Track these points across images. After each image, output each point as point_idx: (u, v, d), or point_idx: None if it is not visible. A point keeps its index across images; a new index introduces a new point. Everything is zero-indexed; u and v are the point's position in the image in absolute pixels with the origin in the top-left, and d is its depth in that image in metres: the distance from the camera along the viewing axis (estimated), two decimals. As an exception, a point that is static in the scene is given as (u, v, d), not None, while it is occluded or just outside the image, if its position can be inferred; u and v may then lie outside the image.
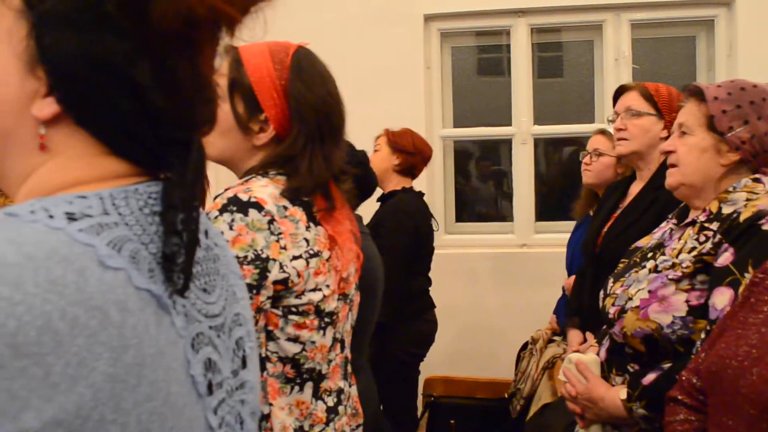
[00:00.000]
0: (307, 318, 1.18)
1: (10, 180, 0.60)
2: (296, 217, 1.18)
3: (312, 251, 1.18)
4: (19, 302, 0.44)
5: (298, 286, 1.16)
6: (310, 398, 1.23)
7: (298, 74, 1.23)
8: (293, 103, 1.22)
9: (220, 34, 0.58)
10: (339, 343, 1.29)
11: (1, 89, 0.57)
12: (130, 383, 0.49)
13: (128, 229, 0.54)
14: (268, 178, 1.21)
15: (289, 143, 1.22)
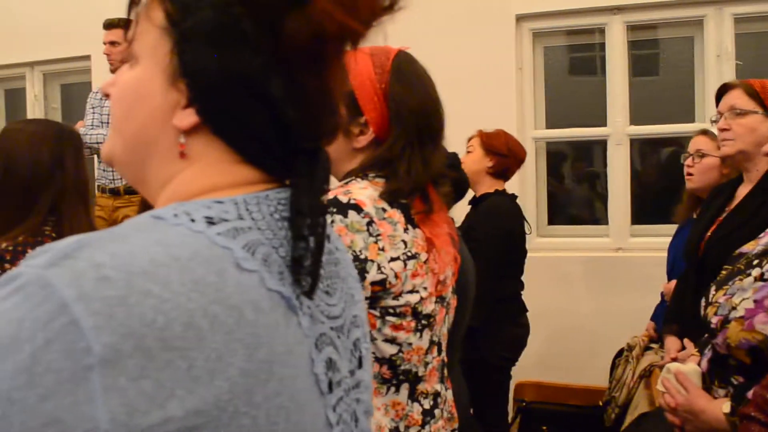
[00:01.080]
0: (404, 320, 1.19)
1: (151, 185, 0.65)
2: (394, 219, 1.19)
3: (410, 253, 1.19)
4: (167, 300, 0.48)
5: (395, 287, 1.17)
6: (406, 400, 1.23)
7: (399, 78, 1.24)
8: (393, 107, 1.23)
9: (345, 48, 0.61)
10: (436, 346, 1.29)
11: (147, 101, 0.61)
12: (261, 378, 0.52)
13: (260, 234, 0.57)
14: (368, 180, 1.22)
15: (388, 146, 1.24)
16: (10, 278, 0.49)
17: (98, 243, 0.50)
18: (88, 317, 0.45)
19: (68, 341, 0.45)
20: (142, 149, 0.63)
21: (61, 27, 4.61)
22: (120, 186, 3.72)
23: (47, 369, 0.44)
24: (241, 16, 0.56)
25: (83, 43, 4.51)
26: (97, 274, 0.47)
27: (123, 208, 3.68)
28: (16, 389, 0.44)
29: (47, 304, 0.46)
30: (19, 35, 4.76)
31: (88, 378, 0.45)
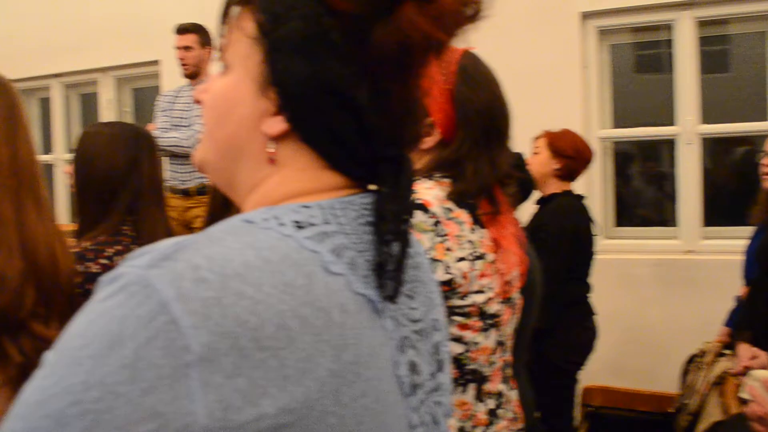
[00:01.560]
0: (471, 319, 1.19)
1: (240, 189, 0.67)
2: (461, 219, 1.19)
3: (476, 253, 1.19)
4: (260, 301, 0.50)
5: (462, 287, 1.16)
6: (473, 399, 1.23)
7: (464, 79, 1.24)
8: (459, 108, 1.23)
9: (429, 58, 0.61)
10: (501, 347, 1.28)
11: (238, 108, 0.63)
12: (348, 379, 0.54)
13: (346, 238, 0.59)
14: (433, 180, 1.22)
15: (454, 147, 1.23)
16: (113, 278, 0.51)
17: (195, 245, 0.52)
18: (187, 317, 0.47)
19: (168, 339, 0.47)
20: (232, 155, 0.65)
21: (131, 33, 4.76)
22: (191, 187, 3.80)
23: (149, 365, 0.46)
24: (331, 26, 0.57)
25: (153, 48, 4.66)
26: (194, 276, 0.49)
27: (194, 209, 3.76)
28: (120, 383, 0.46)
29: (148, 303, 0.48)
30: (92, 42, 4.95)
31: (187, 375, 0.47)
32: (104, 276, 0.52)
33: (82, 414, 0.46)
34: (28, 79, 5.12)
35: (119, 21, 4.81)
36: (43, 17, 5.12)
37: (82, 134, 1.74)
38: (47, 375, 0.49)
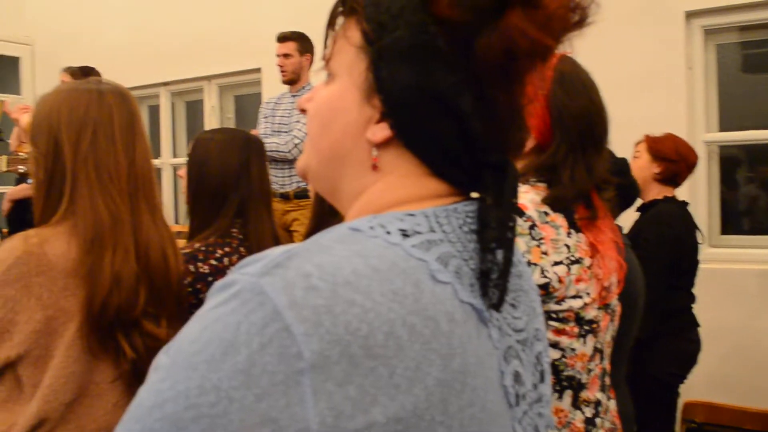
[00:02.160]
0: (567, 325, 1.17)
1: (343, 196, 0.67)
2: (557, 223, 1.17)
3: (573, 257, 1.17)
4: (370, 309, 0.50)
5: (558, 291, 1.15)
6: (569, 407, 1.21)
7: (561, 83, 1.23)
8: (555, 113, 1.22)
9: (535, 64, 0.61)
10: (599, 354, 1.26)
11: (344, 115, 0.64)
12: (456, 389, 0.53)
13: (451, 246, 0.59)
14: (529, 185, 1.22)
15: (550, 152, 1.22)
16: (225, 285, 0.52)
17: (306, 254, 0.53)
18: (299, 324, 0.48)
19: (281, 346, 0.48)
20: (336, 162, 0.66)
21: (234, 43, 4.95)
22: (290, 191, 3.91)
23: (263, 371, 0.47)
24: (436, 34, 0.58)
25: (254, 56, 4.82)
26: (306, 284, 0.50)
27: (292, 212, 3.87)
28: (235, 388, 0.47)
29: (262, 310, 0.49)
30: (197, 52, 5.17)
31: (299, 382, 0.47)
32: (217, 283, 0.54)
33: (197, 418, 0.47)
34: (140, 87, 5.39)
35: (223, 31, 5.00)
36: (153, 30, 5.39)
37: (195, 140, 1.82)
38: (163, 378, 0.50)
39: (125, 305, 1.27)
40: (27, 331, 1.21)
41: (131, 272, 1.29)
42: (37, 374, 1.24)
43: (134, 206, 1.33)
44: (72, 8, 5.91)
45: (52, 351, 1.24)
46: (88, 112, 1.30)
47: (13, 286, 1.21)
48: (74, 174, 1.28)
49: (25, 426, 1.23)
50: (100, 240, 1.26)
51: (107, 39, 5.57)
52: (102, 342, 1.26)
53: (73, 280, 1.24)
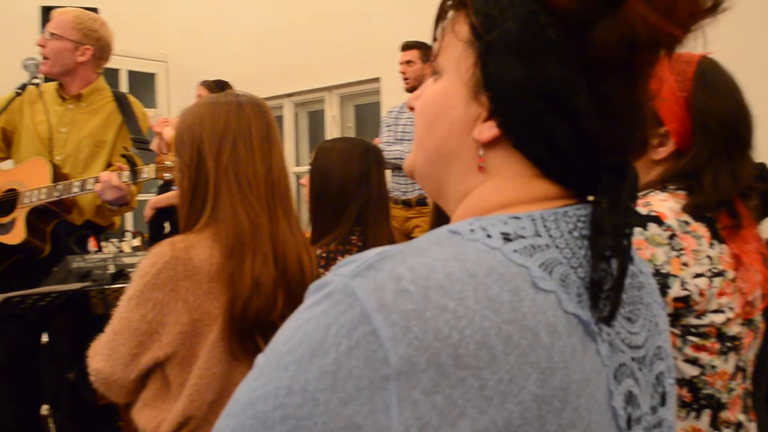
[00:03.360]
0: (708, 340, 1.12)
1: (449, 197, 0.65)
2: (699, 233, 1.12)
3: (715, 270, 1.11)
4: (462, 316, 0.48)
5: (699, 305, 1.10)
6: (707, 427, 1.15)
7: (703, 85, 1.17)
8: (697, 116, 1.17)
9: (658, 56, 0.56)
10: (741, 373, 1.19)
11: (448, 113, 0.61)
12: (555, 407, 0.49)
13: (558, 252, 0.55)
14: (668, 192, 1.17)
15: (691, 157, 1.17)
16: (320, 285, 0.52)
17: (399, 255, 0.51)
18: (387, 328, 0.46)
19: (368, 350, 0.46)
20: (442, 162, 0.63)
21: (354, 53, 5.06)
22: (411, 198, 3.95)
23: (349, 375, 0.46)
24: (548, 25, 0.54)
25: (373, 66, 4.91)
26: (396, 287, 0.48)
27: (414, 219, 3.91)
28: (321, 391, 0.47)
29: (351, 312, 0.48)
30: (319, 64, 5.32)
31: (384, 388, 0.46)
32: (313, 283, 0.53)
33: (284, 418, 0.47)
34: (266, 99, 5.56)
35: (343, 43, 5.13)
36: (277, 44, 5.61)
37: (317, 149, 1.89)
38: (257, 377, 0.51)
39: (264, 309, 1.32)
40: (174, 333, 1.29)
41: (270, 277, 1.34)
42: (183, 374, 1.31)
43: (272, 213, 1.38)
44: (203, 26, 6.24)
45: (196, 352, 1.31)
46: (228, 123, 1.36)
47: (162, 290, 1.28)
48: (216, 183, 1.34)
49: (172, 423, 1.31)
50: (240, 246, 1.31)
51: (235, 54, 5.84)
52: (242, 344, 1.31)
53: (216, 284, 1.30)
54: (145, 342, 1.30)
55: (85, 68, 2.55)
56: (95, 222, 2.58)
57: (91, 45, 2.53)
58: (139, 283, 1.30)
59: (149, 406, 1.35)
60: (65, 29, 2.49)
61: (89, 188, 2.29)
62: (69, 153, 2.51)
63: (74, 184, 2.31)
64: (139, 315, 1.29)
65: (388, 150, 3.87)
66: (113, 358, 1.32)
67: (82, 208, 2.52)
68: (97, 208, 2.53)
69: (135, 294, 1.30)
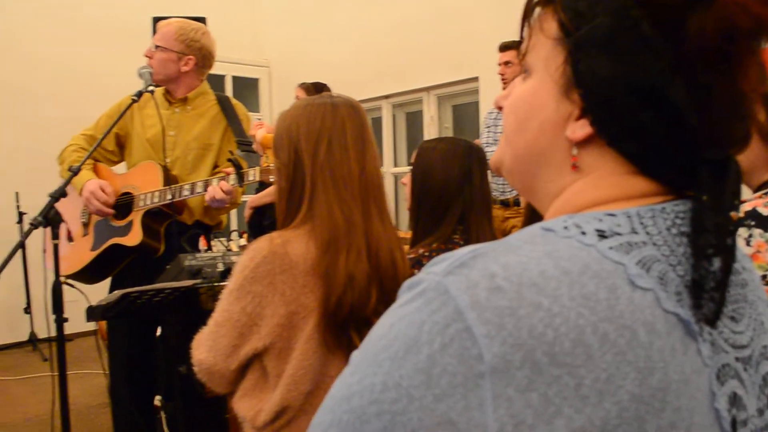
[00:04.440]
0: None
1: (540, 196, 0.64)
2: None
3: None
4: (557, 314, 0.47)
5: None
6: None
7: None
8: None
9: (760, 44, 0.54)
10: None
11: (538, 112, 0.60)
12: (654, 407, 0.48)
13: (656, 249, 0.53)
14: None
15: None
16: (413, 284, 0.52)
17: (492, 253, 0.51)
18: (481, 325, 0.47)
19: (462, 347, 0.47)
20: (533, 160, 0.62)
21: (452, 54, 5.05)
22: (510, 197, 3.91)
23: (443, 371, 0.47)
24: (640, 18, 0.53)
25: (471, 66, 4.88)
26: (490, 284, 0.48)
27: (512, 219, 3.86)
28: (415, 387, 0.47)
29: (444, 309, 0.48)
30: (416, 65, 5.35)
31: (479, 385, 0.46)
32: (406, 282, 0.53)
33: (379, 413, 0.48)
34: (364, 101, 5.69)
35: (441, 43, 5.13)
36: (375, 47, 5.68)
37: (419, 149, 1.89)
38: (352, 372, 0.52)
39: (358, 303, 1.35)
40: (272, 325, 1.33)
41: (363, 272, 1.36)
42: (280, 365, 1.36)
43: (365, 210, 1.41)
44: (303, 32, 6.40)
45: (293, 344, 1.35)
46: (323, 124, 1.40)
47: (261, 283, 1.33)
48: (312, 181, 1.38)
49: (270, 413, 1.35)
50: (335, 242, 1.35)
51: (334, 58, 5.95)
52: (336, 337, 1.34)
53: (311, 278, 1.34)
54: (244, 333, 1.35)
55: (189, 76, 2.67)
56: (204, 221, 2.70)
57: (193, 55, 2.64)
58: (239, 277, 1.35)
59: (248, 396, 1.40)
60: (169, 41, 2.62)
61: (198, 191, 2.40)
62: (177, 156, 2.63)
63: (184, 187, 2.43)
64: (239, 307, 1.34)
65: (487, 151, 3.84)
66: (215, 349, 1.37)
67: (192, 208, 2.64)
68: (204, 208, 2.64)
69: (235, 287, 1.36)
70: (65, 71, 5.60)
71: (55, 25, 5.59)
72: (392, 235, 1.45)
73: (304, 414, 1.35)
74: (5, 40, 5.36)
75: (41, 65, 5.51)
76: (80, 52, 5.67)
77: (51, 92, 5.51)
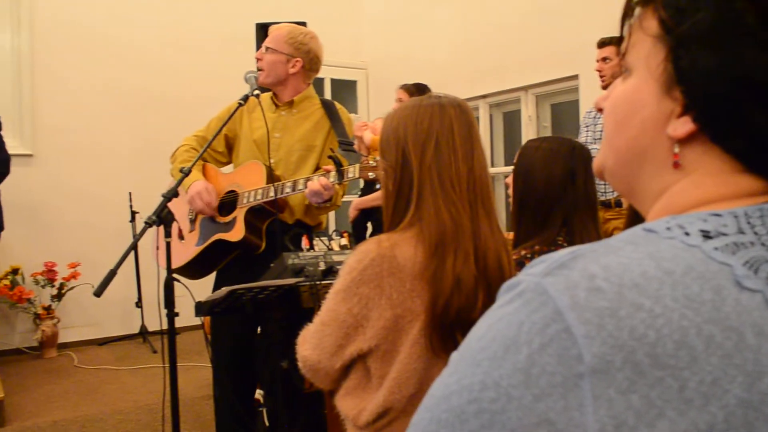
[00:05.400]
0: None
1: (642, 196, 0.63)
2: None
3: None
4: (659, 315, 0.47)
5: None
6: None
7: None
8: None
9: None
10: None
11: (639, 111, 0.60)
12: (764, 413, 0.46)
13: (765, 250, 0.51)
14: None
15: None
16: (511, 285, 0.53)
17: (592, 254, 0.51)
18: (580, 326, 0.47)
19: (562, 347, 0.47)
20: (634, 160, 0.62)
21: (550, 51, 4.96)
22: (611, 198, 3.80)
23: (542, 371, 0.47)
24: (744, 10, 0.52)
25: (571, 64, 4.77)
26: (589, 285, 0.48)
27: (613, 221, 3.75)
28: (514, 387, 0.48)
29: (543, 310, 0.48)
30: (514, 64, 5.28)
31: (578, 385, 0.46)
32: (505, 283, 0.54)
33: (478, 412, 0.48)
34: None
35: (538, 41, 5.04)
36: (471, 47, 5.64)
37: (522, 148, 1.84)
38: (451, 373, 0.52)
39: (465, 307, 1.33)
40: (378, 327, 1.34)
41: (471, 275, 1.35)
42: (384, 367, 1.37)
43: (473, 212, 1.39)
44: (401, 34, 6.44)
45: (398, 347, 1.35)
46: (431, 124, 1.40)
47: (368, 285, 1.34)
48: (420, 183, 1.38)
49: (372, 413, 1.36)
50: (443, 245, 1.34)
51: (431, 58, 5.96)
52: (443, 341, 1.34)
53: (419, 282, 1.34)
54: (350, 334, 1.37)
55: (296, 79, 2.76)
56: (305, 221, 2.77)
57: (301, 58, 2.73)
58: (346, 279, 1.37)
59: (351, 395, 1.42)
60: (279, 43, 2.71)
61: (300, 188, 2.46)
62: (281, 156, 2.71)
63: (286, 184, 2.50)
64: (345, 308, 1.36)
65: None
66: (320, 347, 1.40)
67: (293, 207, 2.71)
68: (305, 207, 2.71)
69: (342, 288, 1.37)
70: (176, 77, 5.87)
71: (168, 34, 5.86)
72: (499, 237, 1.44)
73: (406, 416, 1.36)
74: (124, 47, 5.67)
75: (155, 71, 5.80)
76: (191, 59, 5.93)
77: (162, 97, 5.78)
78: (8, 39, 5.31)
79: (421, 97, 1.48)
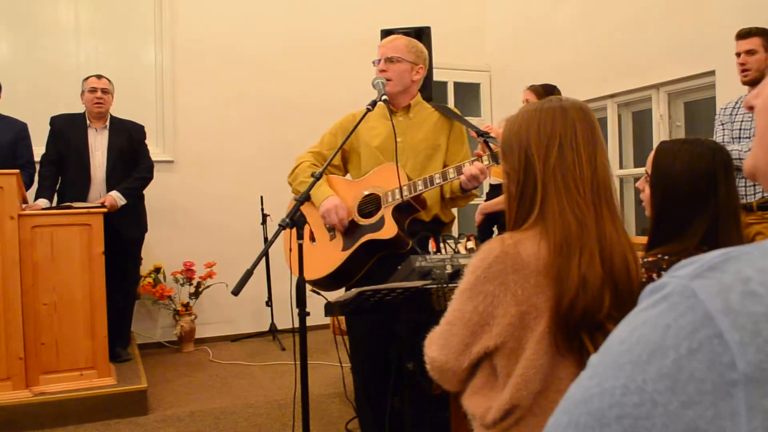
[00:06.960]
0: None
1: None
2: None
3: None
4: None
5: None
6: None
7: None
8: None
9: None
10: None
11: None
12: None
13: None
14: None
15: None
16: (656, 287, 0.51)
17: (745, 257, 0.49)
18: (734, 331, 0.45)
19: (712, 353, 0.45)
20: None
21: (683, 47, 4.72)
22: (752, 201, 3.57)
23: (690, 378, 0.45)
24: None
25: (706, 59, 4.52)
26: (744, 289, 0.46)
27: (755, 225, 3.51)
28: (659, 392, 0.46)
29: (692, 314, 0.47)
30: (643, 61, 5.07)
31: (731, 394, 0.44)
32: (648, 286, 0.52)
33: (620, 417, 0.47)
34: (588, 101, 5.51)
35: (670, 36, 4.82)
36: (597, 45, 5.48)
37: (658, 150, 1.73)
38: (591, 376, 0.51)
39: (591, 307, 1.32)
40: (503, 324, 1.35)
41: (597, 276, 1.34)
42: (510, 365, 1.37)
43: (597, 213, 1.38)
44: (525, 35, 6.35)
45: (523, 344, 1.36)
46: (554, 127, 1.40)
47: (493, 282, 1.36)
48: (544, 184, 1.38)
49: (499, 410, 1.37)
50: (567, 244, 1.34)
51: (555, 58, 5.84)
52: (567, 340, 1.33)
53: (543, 279, 1.35)
54: (476, 332, 1.38)
55: (416, 85, 2.85)
56: (440, 217, 2.82)
57: (422, 65, 2.82)
58: (470, 278, 1.39)
59: (478, 394, 1.43)
60: (403, 52, 2.79)
61: (451, 177, 2.53)
62: (408, 158, 2.77)
63: (435, 175, 2.57)
64: (471, 307, 1.38)
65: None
66: (447, 348, 1.42)
67: (430, 205, 2.76)
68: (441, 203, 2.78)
69: (467, 287, 1.40)
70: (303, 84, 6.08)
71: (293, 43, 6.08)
72: (625, 238, 1.42)
73: (532, 415, 1.36)
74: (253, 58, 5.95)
75: (283, 79, 6.04)
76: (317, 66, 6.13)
77: (290, 104, 6.01)
78: (152, 56, 5.73)
79: (541, 100, 1.49)
